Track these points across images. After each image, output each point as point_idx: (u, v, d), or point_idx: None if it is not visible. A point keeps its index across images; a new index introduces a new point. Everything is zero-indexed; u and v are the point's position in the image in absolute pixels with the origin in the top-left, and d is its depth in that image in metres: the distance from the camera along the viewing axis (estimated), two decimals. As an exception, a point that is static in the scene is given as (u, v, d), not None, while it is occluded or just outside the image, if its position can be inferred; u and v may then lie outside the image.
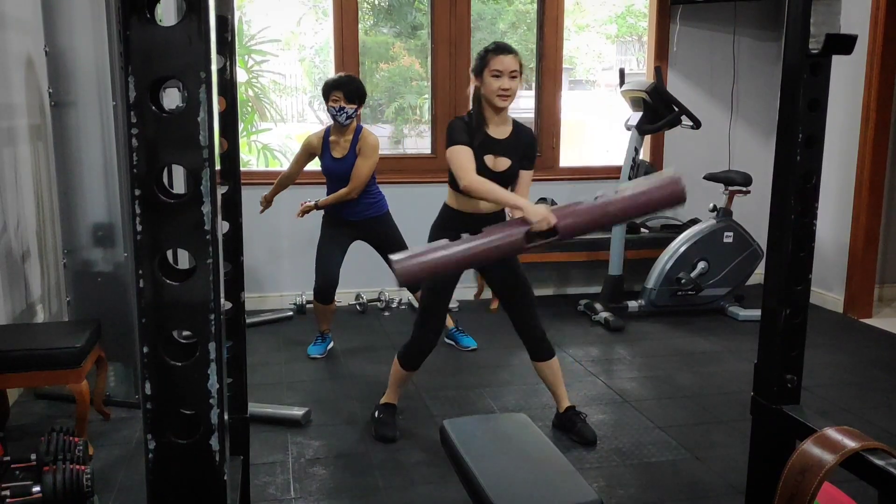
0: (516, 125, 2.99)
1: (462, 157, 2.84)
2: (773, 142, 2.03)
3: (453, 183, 2.93)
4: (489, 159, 2.92)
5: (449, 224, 2.95)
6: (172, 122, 1.00)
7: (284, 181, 4.11)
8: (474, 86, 2.92)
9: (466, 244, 2.49)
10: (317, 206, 3.95)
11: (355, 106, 3.78)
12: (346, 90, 3.75)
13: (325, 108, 3.85)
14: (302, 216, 4.03)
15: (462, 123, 2.91)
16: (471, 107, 2.95)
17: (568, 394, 3.20)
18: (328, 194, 3.95)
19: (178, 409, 1.06)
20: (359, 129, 3.88)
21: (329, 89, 3.79)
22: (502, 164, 2.93)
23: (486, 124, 2.92)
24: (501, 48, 2.87)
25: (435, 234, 2.95)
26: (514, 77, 2.85)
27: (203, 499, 1.08)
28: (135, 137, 0.99)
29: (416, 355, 3.10)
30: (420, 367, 3.14)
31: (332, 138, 3.88)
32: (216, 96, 1.05)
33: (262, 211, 4.16)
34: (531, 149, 3.01)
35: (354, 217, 3.93)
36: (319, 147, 3.91)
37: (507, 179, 2.93)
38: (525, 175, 2.99)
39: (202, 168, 1.01)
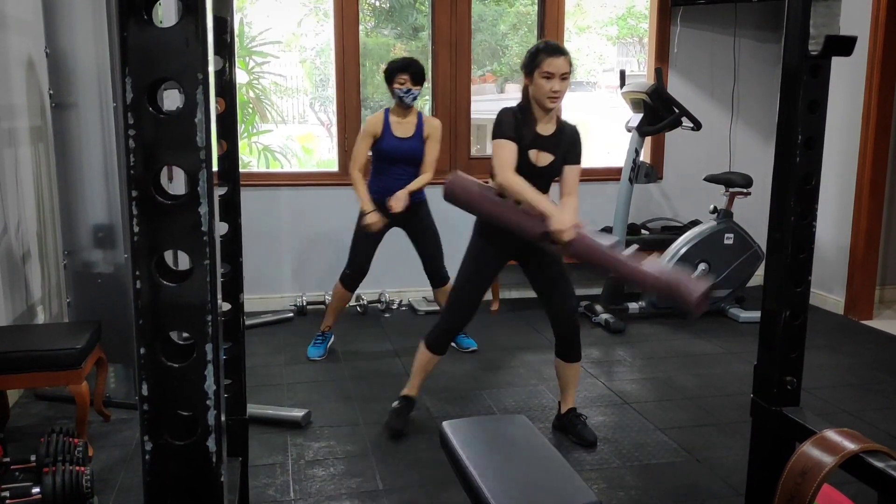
0: (561, 122, 3.02)
1: (504, 153, 2.88)
2: (773, 143, 2.03)
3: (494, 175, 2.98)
4: (532, 154, 2.95)
5: None
6: (170, 123, 1.00)
7: (363, 179, 3.94)
8: (524, 83, 2.93)
9: (503, 204, 2.85)
10: (410, 193, 3.86)
11: (419, 87, 3.87)
12: (412, 72, 3.84)
13: (390, 91, 3.89)
14: (400, 209, 3.83)
15: (511, 117, 2.92)
16: (519, 101, 2.97)
17: (569, 396, 3.21)
18: (376, 176, 3.93)
19: (175, 410, 1.05)
20: (419, 113, 3.96)
21: (395, 72, 3.86)
22: (545, 159, 2.96)
23: (534, 121, 2.94)
24: (554, 49, 2.86)
25: (479, 225, 3.05)
26: (564, 79, 2.87)
27: (200, 500, 1.07)
28: (132, 139, 0.99)
29: (442, 335, 3.11)
30: (446, 351, 3.16)
31: (393, 118, 3.92)
32: (213, 98, 1.05)
33: (378, 227, 3.90)
34: (575, 145, 3.01)
35: None
36: (380, 128, 3.91)
37: (548, 174, 2.98)
38: (570, 170, 2.99)
39: (199, 169, 1.00)
